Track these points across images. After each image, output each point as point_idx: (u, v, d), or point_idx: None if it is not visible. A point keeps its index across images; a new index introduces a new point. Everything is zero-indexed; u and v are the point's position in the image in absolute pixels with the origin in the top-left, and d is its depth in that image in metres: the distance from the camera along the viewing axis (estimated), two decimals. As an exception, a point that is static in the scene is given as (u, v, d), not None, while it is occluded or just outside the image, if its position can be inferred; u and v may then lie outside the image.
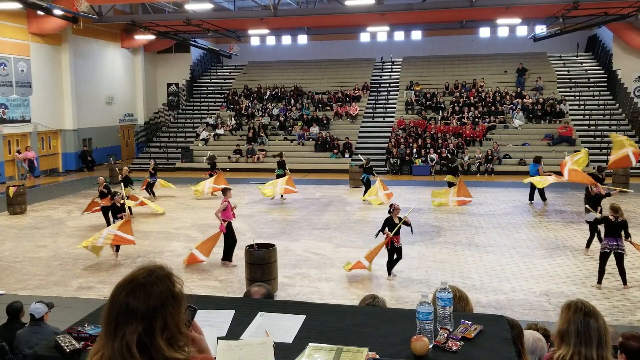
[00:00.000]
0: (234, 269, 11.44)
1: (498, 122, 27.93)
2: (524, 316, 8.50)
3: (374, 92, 32.21)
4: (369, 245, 12.94)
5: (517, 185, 19.82)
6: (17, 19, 24.27)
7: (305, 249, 12.93)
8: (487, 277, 10.80)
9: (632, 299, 9.56)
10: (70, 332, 2.30)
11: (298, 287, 10.38)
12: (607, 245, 9.99)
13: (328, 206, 18.04)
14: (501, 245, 13.15)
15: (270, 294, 3.34)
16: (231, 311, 2.57)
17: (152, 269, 1.80)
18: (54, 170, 26.97)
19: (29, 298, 8.35)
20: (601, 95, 29.46)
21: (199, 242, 12.13)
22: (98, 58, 29.67)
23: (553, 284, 10.33)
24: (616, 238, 9.89)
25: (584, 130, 27.00)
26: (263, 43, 36.92)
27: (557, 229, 14.60)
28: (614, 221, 9.92)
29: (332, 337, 2.31)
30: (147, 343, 1.69)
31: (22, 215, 17.14)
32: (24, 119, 24.83)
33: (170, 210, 17.66)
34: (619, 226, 9.91)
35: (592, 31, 31.52)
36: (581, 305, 3.14)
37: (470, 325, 2.36)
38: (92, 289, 10.46)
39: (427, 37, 34.30)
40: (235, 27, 30.20)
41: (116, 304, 1.73)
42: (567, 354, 3.04)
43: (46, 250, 13.17)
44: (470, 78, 31.30)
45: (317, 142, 27.78)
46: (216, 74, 37.22)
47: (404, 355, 2.15)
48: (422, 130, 27.76)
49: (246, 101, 32.18)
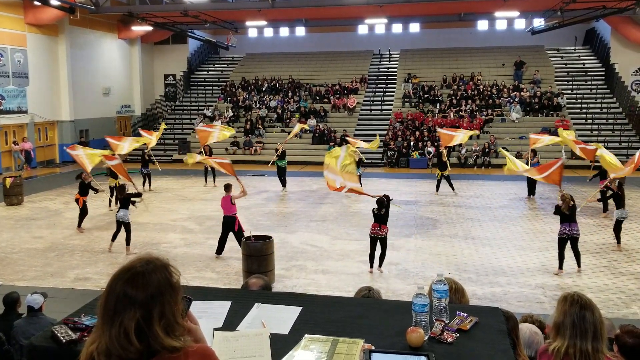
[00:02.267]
0: (231, 261, 11.45)
1: (495, 115, 27.93)
2: (519, 308, 8.53)
3: (372, 85, 32.15)
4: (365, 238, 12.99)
5: (513, 178, 19.83)
6: (14, 9, 24.14)
7: (302, 241, 12.95)
8: (483, 270, 10.84)
9: (627, 292, 9.61)
10: (67, 322, 2.30)
11: (295, 279, 10.41)
12: (564, 230, 10.54)
13: (325, 199, 18.06)
14: (497, 237, 13.19)
15: (267, 285, 3.34)
16: (227, 302, 2.57)
17: (149, 259, 1.80)
18: (51, 162, 26.91)
19: (26, 289, 8.35)
20: (598, 88, 29.46)
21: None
22: (95, 49, 29.53)
23: (549, 277, 10.38)
24: (570, 223, 10.49)
25: (581, 123, 27.03)
26: (261, 35, 36.79)
27: (553, 222, 14.60)
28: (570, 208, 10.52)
29: (328, 328, 2.31)
30: (145, 330, 1.69)
31: (19, 206, 17.12)
32: (21, 110, 24.74)
33: (166, 202, 17.66)
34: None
35: (590, 24, 31.46)
36: (577, 298, 3.15)
37: (466, 317, 2.37)
38: (88, 279, 10.47)
39: (425, 30, 34.22)
40: (232, 18, 30.08)
41: (114, 292, 1.73)
42: (563, 346, 3.05)
43: (43, 241, 13.16)
44: (468, 71, 31.26)
45: (314, 134, 27.76)
46: (213, 65, 37.10)
47: (399, 346, 2.16)
48: (420, 123, 27.75)
49: (243, 93, 32.10)
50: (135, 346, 1.68)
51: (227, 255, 11.81)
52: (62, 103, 27.16)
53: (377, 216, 10.54)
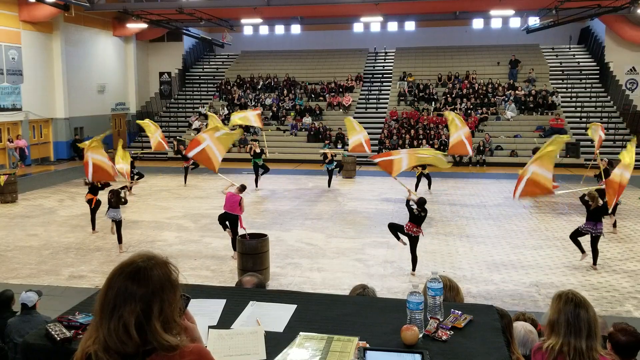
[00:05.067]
0: (226, 259, 11.44)
1: (490, 114, 27.99)
2: (514, 306, 8.55)
3: (367, 83, 32.16)
4: (360, 236, 13.02)
5: (508, 176, 19.88)
6: (8, 6, 24.02)
7: (297, 239, 12.96)
8: (478, 268, 10.87)
9: (620, 290, 9.65)
10: (61, 320, 2.30)
11: (290, 277, 10.41)
12: (588, 228, 10.73)
13: (320, 197, 18.06)
14: (492, 236, 13.23)
15: (262, 283, 3.34)
16: (222, 300, 2.57)
17: (149, 255, 1.81)
18: (45, 159, 26.83)
19: (20, 287, 8.31)
20: (593, 87, 29.56)
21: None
22: (90, 46, 29.42)
23: (543, 275, 10.41)
24: (596, 222, 10.66)
25: (575, 122, 27.11)
26: (256, 32, 36.71)
27: (547, 220, 14.69)
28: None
29: (323, 326, 2.31)
30: (144, 324, 1.69)
31: (13, 204, 17.05)
32: (15, 107, 24.63)
33: (162, 199, 17.63)
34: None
35: (584, 23, 31.54)
36: (572, 296, 3.16)
37: (460, 315, 2.38)
38: (83, 277, 10.44)
39: (420, 28, 34.21)
40: (228, 16, 30.01)
41: (114, 287, 1.72)
42: (557, 344, 3.06)
43: (37, 239, 13.12)
44: (463, 69, 31.31)
45: (309, 132, 27.74)
46: (209, 63, 37.02)
47: (394, 344, 2.16)
48: (415, 122, 27.78)
49: (239, 91, 32.05)
50: (134, 340, 1.67)
51: (222, 254, 11.81)
52: (56, 100, 27.05)
53: (418, 217, 10.66)
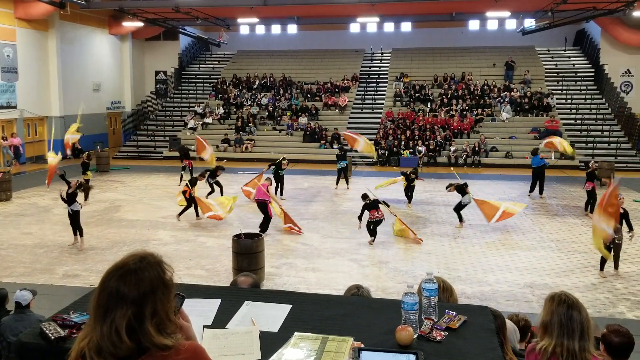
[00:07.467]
0: (221, 258, 11.43)
1: (486, 115, 28.04)
2: (508, 307, 8.58)
3: (363, 83, 32.18)
4: (355, 236, 13.01)
5: (503, 177, 19.95)
6: (3, 3, 23.93)
7: (292, 239, 12.95)
8: (472, 269, 10.89)
9: (614, 292, 9.69)
10: (55, 319, 2.29)
11: (285, 277, 10.40)
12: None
13: (316, 197, 18.06)
14: (486, 237, 13.26)
15: (256, 283, 3.34)
16: (217, 300, 2.57)
17: (143, 255, 1.80)
18: (40, 157, 26.72)
19: (14, 285, 8.30)
20: (588, 89, 29.66)
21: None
22: (85, 44, 29.34)
23: (537, 276, 10.44)
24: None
25: (570, 124, 27.20)
26: (252, 32, 36.66)
27: (542, 222, 14.73)
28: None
29: (318, 326, 2.32)
30: (136, 328, 1.69)
31: (8, 202, 16.99)
32: (10, 105, 24.54)
33: (156, 199, 17.60)
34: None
35: (580, 25, 31.65)
36: (565, 297, 3.18)
37: (455, 315, 2.39)
38: (77, 276, 10.42)
39: (416, 29, 34.25)
40: (224, 15, 29.99)
41: (106, 289, 1.73)
42: (550, 345, 3.07)
43: (32, 237, 13.08)
44: (459, 71, 31.36)
45: (305, 132, 27.75)
46: (205, 62, 36.97)
47: (388, 344, 2.17)
48: (411, 122, 27.82)
49: (235, 90, 32.02)
50: (126, 344, 1.68)
51: (216, 253, 11.80)
52: (51, 98, 26.96)
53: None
